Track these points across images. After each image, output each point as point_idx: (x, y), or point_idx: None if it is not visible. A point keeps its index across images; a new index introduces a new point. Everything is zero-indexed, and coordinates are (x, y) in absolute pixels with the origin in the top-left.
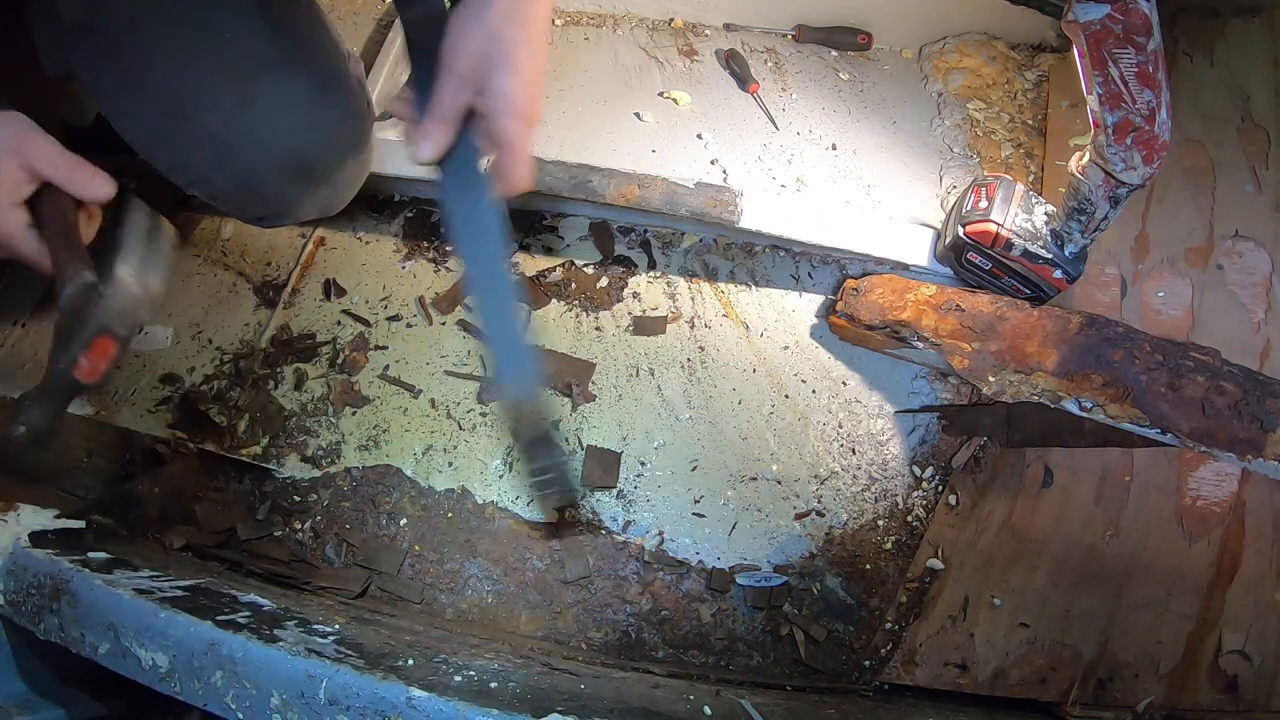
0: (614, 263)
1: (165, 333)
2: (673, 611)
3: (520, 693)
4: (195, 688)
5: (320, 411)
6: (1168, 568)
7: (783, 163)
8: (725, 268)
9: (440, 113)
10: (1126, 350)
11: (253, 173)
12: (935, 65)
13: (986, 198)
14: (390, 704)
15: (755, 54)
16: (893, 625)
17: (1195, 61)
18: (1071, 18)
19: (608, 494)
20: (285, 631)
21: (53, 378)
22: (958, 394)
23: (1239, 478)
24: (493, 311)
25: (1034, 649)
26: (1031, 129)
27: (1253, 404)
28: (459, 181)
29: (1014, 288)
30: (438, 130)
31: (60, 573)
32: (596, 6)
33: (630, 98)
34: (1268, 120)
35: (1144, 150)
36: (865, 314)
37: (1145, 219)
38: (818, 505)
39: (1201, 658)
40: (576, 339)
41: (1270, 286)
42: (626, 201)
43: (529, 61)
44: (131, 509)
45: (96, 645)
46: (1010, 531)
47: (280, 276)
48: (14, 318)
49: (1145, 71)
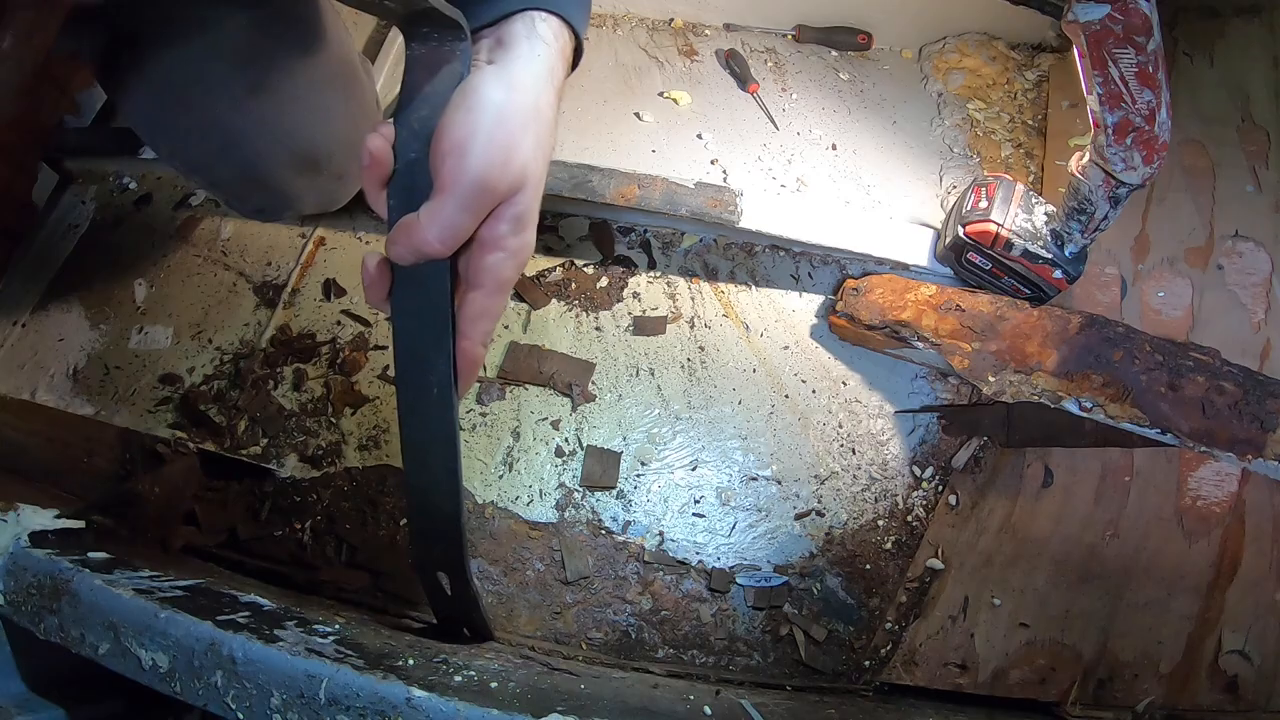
0: (614, 263)
1: (165, 333)
2: (673, 611)
3: (520, 693)
4: (195, 688)
5: (320, 411)
6: (1168, 568)
7: (783, 163)
8: (725, 268)
9: (447, 228)
10: (1126, 350)
11: (256, 162)
12: (935, 65)
13: (986, 198)
14: (390, 704)
15: (755, 54)
16: (893, 625)
17: (1195, 61)
18: (1071, 18)
19: (608, 494)
20: (285, 631)
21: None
22: (958, 394)
23: (1239, 478)
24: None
25: (1034, 649)
26: (1031, 129)
27: (1253, 404)
28: (422, 317)
29: (1014, 288)
30: (429, 251)
31: (60, 573)
32: (596, 6)
33: (630, 98)
34: (1268, 120)
35: (1144, 150)
36: (865, 314)
37: (1145, 219)
38: (818, 505)
39: (1201, 658)
40: (576, 339)
41: (1270, 286)
42: (626, 201)
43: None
44: (131, 509)
45: (96, 645)
46: (1010, 531)
47: (280, 276)
48: (14, 318)
49: (1145, 71)
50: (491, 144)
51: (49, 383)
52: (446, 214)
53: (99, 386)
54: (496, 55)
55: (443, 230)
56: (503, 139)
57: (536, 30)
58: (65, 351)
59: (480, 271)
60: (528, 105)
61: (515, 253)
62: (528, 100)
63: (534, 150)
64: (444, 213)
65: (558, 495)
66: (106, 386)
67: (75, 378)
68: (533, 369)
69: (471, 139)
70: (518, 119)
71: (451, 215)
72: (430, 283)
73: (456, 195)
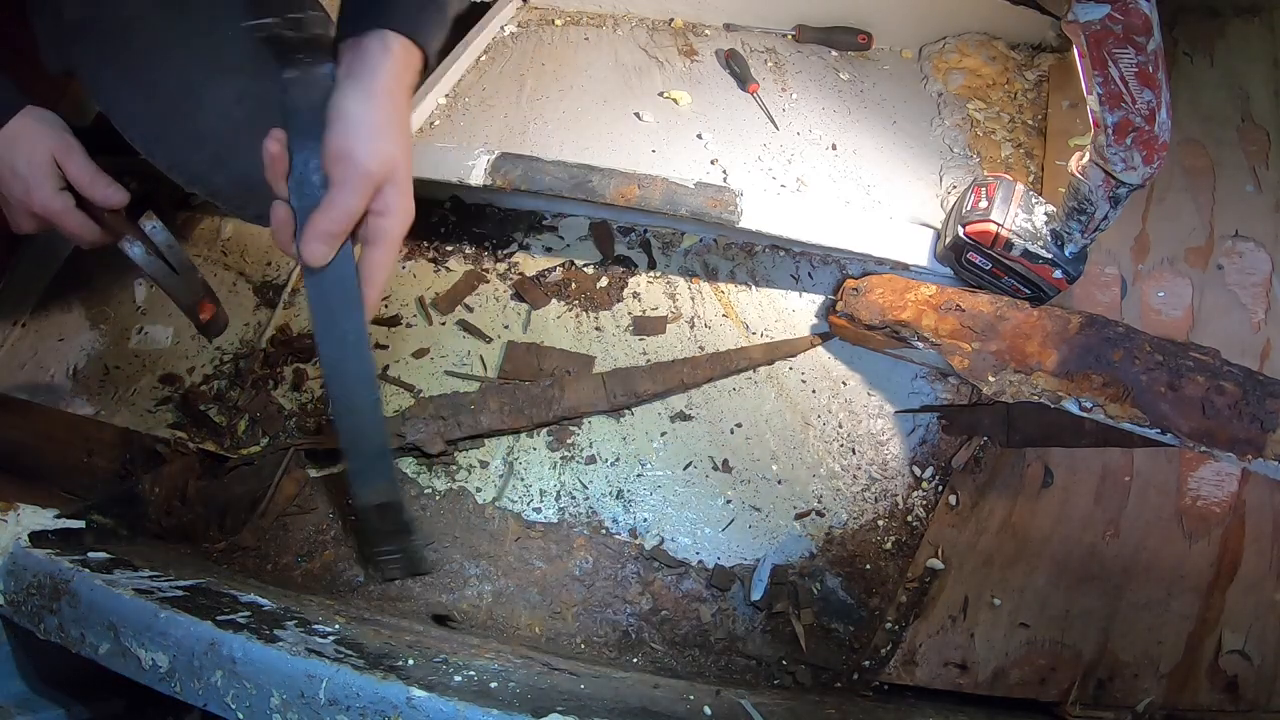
0: (614, 263)
1: (165, 333)
2: (673, 611)
3: (520, 693)
4: (195, 688)
5: (320, 412)
6: (1168, 568)
7: (783, 163)
8: (725, 268)
9: (349, 215)
10: (1126, 350)
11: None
12: (935, 65)
13: (986, 198)
14: (390, 704)
15: (755, 54)
16: (893, 625)
17: (1195, 61)
18: (1071, 18)
19: (608, 494)
20: (285, 631)
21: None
22: (958, 394)
23: (1239, 478)
24: (349, 423)
25: (1034, 649)
26: (1031, 129)
27: (1253, 404)
28: (334, 286)
29: (1014, 288)
30: (340, 236)
31: (60, 573)
32: (596, 6)
33: (630, 98)
34: (1268, 120)
35: (1144, 150)
36: (865, 314)
37: (1145, 219)
38: (818, 505)
39: (1201, 658)
40: (576, 339)
41: (1270, 286)
42: (626, 201)
43: (411, 154)
44: (131, 509)
45: (96, 645)
46: (1010, 531)
47: (280, 276)
48: (14, 318)
49: (1145, 71)
50: (366, 148)
51: (49, 383)
52: (346, 200)
53: (99, 386)
54: (355, 67)
55: (343, 214)
56: (371, 142)
57: (388, 46)
58: (65, 351)
59: (376, 232)
60: (385, 110)
61: (400, 212)
62: (385, 106)
63: (396, 140)
64: (342, 201)
65: (558, 495)
66: (106, 386)
67: (75, 378)
68: (532, 366)
69: (352, 147)
70: (379, 123)
71: (349, 201)
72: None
73: (349, 187)
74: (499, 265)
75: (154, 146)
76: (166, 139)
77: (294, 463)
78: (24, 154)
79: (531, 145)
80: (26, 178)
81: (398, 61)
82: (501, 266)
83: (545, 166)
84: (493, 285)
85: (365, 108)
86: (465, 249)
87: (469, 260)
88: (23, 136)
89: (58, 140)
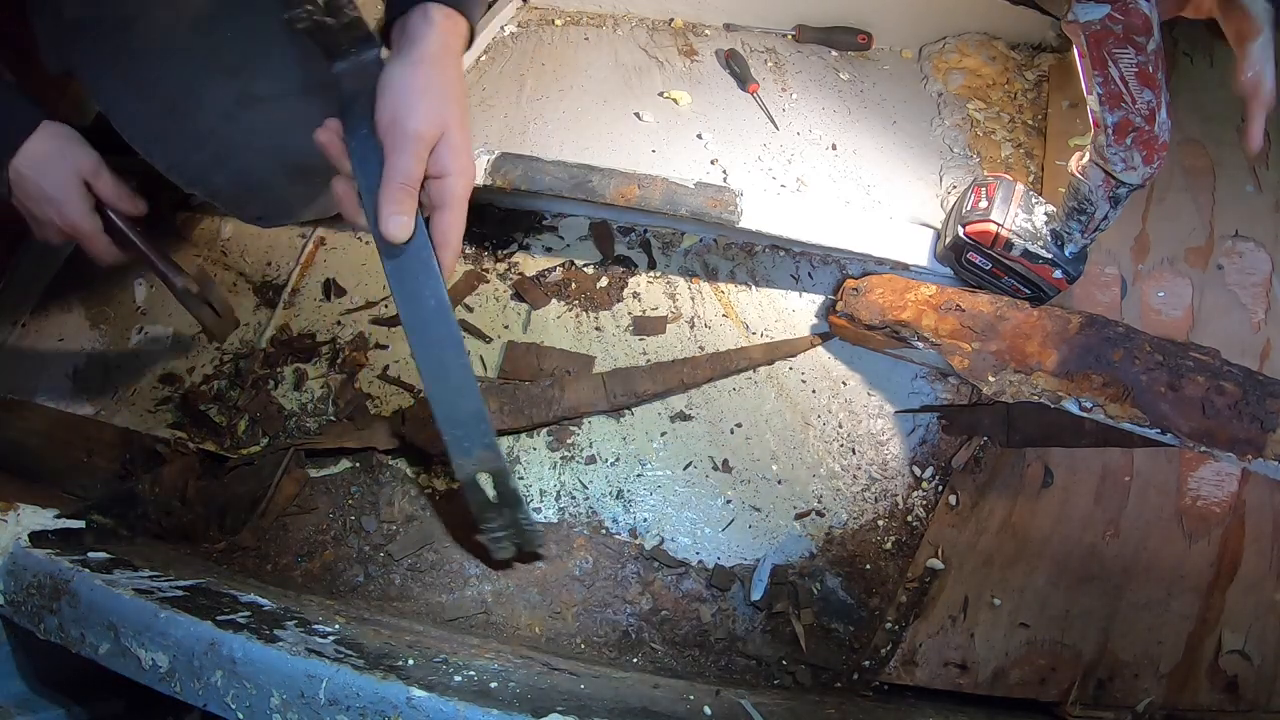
0: (614, 263)
1: (165, 333)
2: (673, 611)
3: (520, 693)
4: (195, 688)
5: (320, 411)
6: (1168, 568)
7: (783, 163)
8: (725, 268)
9: (408, 180)
10: (1126, 350)
11: (251, 172)
12: (935, 65)
13: (986, 198)
14: (390, 704)
15: (755, 54)
16: (893, 625)
17: (1195, 61)
18: (1071, 18)
19: (608, 494)
20: (285, 631)
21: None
22: (958, 394)
23: (1239, 478)
24: (442, 391)
25: (1034, 649)
26: (1031, 129)
27: (1253, 404)
28: (410, 256)
29: (1014, 288)
30: (408, 201)
31: (60, 573)
32: (596, 6)
33: (630, 98)
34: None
35: (1144, 150)
36: (865, 314)
37: (1145, 219)
38: (818, 505)
39: (1201, 658)
40: (576, 339)
41: (1270, 286)
42: (626, 201)
43: (468, 115)
44: (131, 509)
45: (96, 645)
46: (1010, 531)
47: (280, 276)
48: (14, 318)
49: (1145, 71)
50: (411, 111)
51: (49, 383)
52: (403, 165)
53: (99, 386)
54: (401, 43)
55: (402, 179)
56: (417, 106)
57: (430, 17)
58: (65, 351)
59: (441, 193)
60: (428, 75)
61: (460, 173)
62: (427, 70)
63: (444, 102)
64: (400, 165)
65: (558, 495)
66: (106, 386)
67: (75, 378)
68: (532, 366)
69: (397, 112)
70: (422, 87)
71: (405, 165)
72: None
73: (401, 151)
74: (499, 265)
75: (153, 146)
76: (166, 139)
77: (294, 463)
78: (53, 176)
79: (531, 145)
80: (58, 199)
81: (441, 30)
82: (501, 266)
83: (545, 166)
84: (493, 285)
85: (408, 74)
86: (465, 249)
87: (469, 260)
88: (52, 157)
89: (86, 159)
